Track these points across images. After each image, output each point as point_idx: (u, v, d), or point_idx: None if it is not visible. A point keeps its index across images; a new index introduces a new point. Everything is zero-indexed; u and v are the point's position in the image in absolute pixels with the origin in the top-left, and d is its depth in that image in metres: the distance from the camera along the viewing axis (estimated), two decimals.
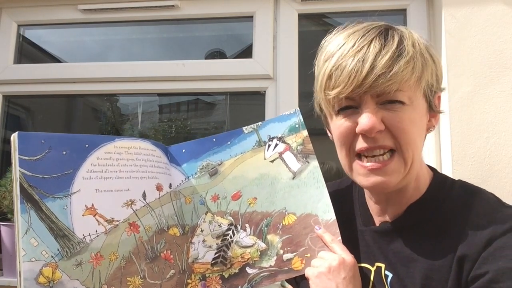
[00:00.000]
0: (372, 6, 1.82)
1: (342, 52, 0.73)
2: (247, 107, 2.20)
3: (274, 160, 0.94)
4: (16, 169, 0.72)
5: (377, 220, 0.86)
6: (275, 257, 0.88)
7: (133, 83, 1.98)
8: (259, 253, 0.89)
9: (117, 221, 0.80)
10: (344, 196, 0.95)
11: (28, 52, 2.19)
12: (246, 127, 0.97)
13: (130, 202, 0.83)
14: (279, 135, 0.95)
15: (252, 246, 0.90)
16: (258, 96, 1.91)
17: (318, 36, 0.83)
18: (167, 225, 0.88)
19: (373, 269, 0.83)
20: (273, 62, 1.89)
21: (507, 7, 1.58)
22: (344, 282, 0.76)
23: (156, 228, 0.86)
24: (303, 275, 0.84)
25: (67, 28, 2.22)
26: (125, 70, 1.98)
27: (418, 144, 0.77)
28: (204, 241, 0.91)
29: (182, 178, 0.95)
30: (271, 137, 0.96)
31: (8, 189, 1.72)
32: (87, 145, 0.81)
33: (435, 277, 0.73)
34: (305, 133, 0.94)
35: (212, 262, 0.90)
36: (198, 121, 2.49)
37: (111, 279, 0.77)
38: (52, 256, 0.71)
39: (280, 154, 0.94)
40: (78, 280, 0.73)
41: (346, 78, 0.71)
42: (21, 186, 0.71)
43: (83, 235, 0.75)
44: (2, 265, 1.80)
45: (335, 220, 0.87)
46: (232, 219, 0.93)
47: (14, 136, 0.74)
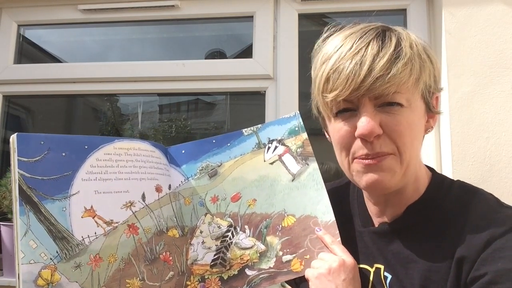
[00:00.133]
0: (372, 6, 1.81)
1: (340, 55, 0.73)
2: (247, 107, 2.19)
3: (274, 162, 0.94)
4: (15, 171, 0.71)
5: (376, 221, 0.86)
6: (275, 259, 0.88)
7: (133, 83, 1.98)
8: (259, 255, 0.89)
9: (116, 223, 0.80)
10: (343, 197, 0.95)
11: (28, 52, 2.18)
12: (246, 129, 0.97)
13: (129, 204, 0.82)
14: (279, 138, 0.95)
15: (252, 248, 0.90)
16: (258, 96, 1.91)
17: (318, 36, 0.83)
18: (166, 227, 0.88)
19: (372, 270, 0.83)
20: (273, 62, 1.88)
21: (507, 7, 1.58)
22: (344, 284, 0.76)
23: (155, 230, 0.85)
24: (303, 277, 0.84)
25: (67, 28, 2.22)
26: (125, 70, 1.97)
27: (416, 146, 0.77)
28: (203, 243, 0.91)
29: (182, 179, 0.95)
30: (271, 140, 0.95)
31: (9, 189, 1.72)
32: (87, 146, 0.80)
33: (434, 278, 0.73)
34: (305, 136, 0.94)
35: (211, 264, 0.90)
36: (198, 121, 2.48)
37: (110, 281, 0.76)
38: (51, 258, 0.71)
39: (280, 156, 0.94)
40: (77, 282, 0.73)
41: (344, 81, 0.71)
42: (20, 188, 0.71)
43: (82, 237, 0.75)
44: (2, 265, 1.79)
45: (335, 222, 0.86)
46: (232, 221, 0.92)
47: (13, 138, 0.73)
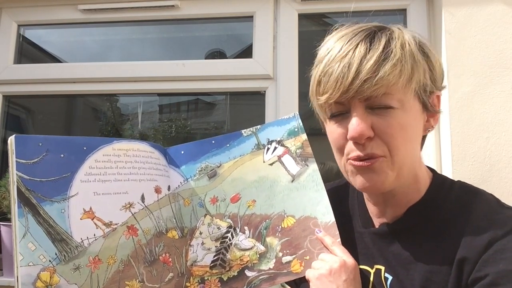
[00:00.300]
0: (372, 6, 1.80)
1: (329, 58, 0.74)
2: (247, 107, 2.19)
3: (273, 163, 0.94)
4: (13, 173, 0.71)
5: (376, 222, 0.86)
6: (274, 260, 0.88)
7: (133, 83, 1.98)
8: (258, 256, 0.89)
9: (116, 225, 0.79)
10: (342, 197, 0.95)
11: (28, 52, 2.18)
12: (245, 130, 0.97)
13: (129, 205, 0.82)
14: (278, 139, 0.95)
15: (251, 249, 0.90)
16: (258, 96, 1.91)
17: (318, 36, 0.83)
18: (166, 228, 0.88)
19: (373, 271, 0.82)
20: (273, 62, 1.88)
21: (507, 7, 1.58)
22: (345, 284, 0.76)
23: (155, 231, 0.85)
24: (304, 277, 0.83)
25: (67, 28, 2.22)
26: (125, 70, 1.97)
27: (410, 147, 0.76)
28: (203, 244, 0.91)
29: (181, 180, 0.95)
30: (270, 141, 0.95)
31: (8, 190, 1.72)
32: (85, 148, 0.80)
33: (435, 280, 0.73)
34: (304, 137, 0.94)
35: (211, 265, 0.89)
36: (198, 121, 2.48)
37: (109, 283, 0.76)
38: (50, 261, 0.70)
39: (279, 157, 0.94)
40: (76, 285, 0.72)
41: (333, 84, 0.71)
42: (19, 190, 0.70)
43: (81, 239, 0.74)
44: (2, 265, 1.79)
45: (335, 222, 0.86)
46: (231, 222, 0.92)
47: (11, 139, 0.72)
